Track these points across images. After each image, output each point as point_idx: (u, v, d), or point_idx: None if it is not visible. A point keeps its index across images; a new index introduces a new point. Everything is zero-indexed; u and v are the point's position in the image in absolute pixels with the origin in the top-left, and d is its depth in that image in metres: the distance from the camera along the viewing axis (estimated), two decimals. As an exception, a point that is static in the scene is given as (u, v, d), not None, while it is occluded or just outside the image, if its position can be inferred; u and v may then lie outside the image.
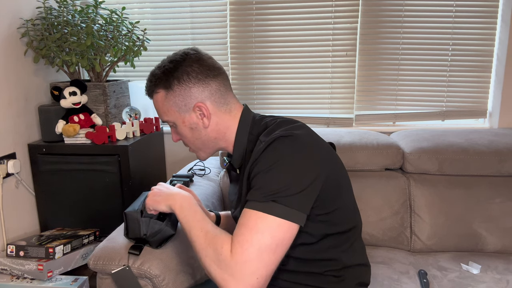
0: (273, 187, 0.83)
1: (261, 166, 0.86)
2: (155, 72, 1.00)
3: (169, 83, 0.97)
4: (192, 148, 1.07)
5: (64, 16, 1.77)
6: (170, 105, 0.98)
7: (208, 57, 1.00)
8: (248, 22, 2.04)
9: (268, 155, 0.87)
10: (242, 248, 0.80)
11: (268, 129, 0.96)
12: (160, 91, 0.99)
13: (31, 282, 1.52)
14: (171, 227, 1.14)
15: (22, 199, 1.83)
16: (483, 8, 1.90)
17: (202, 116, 0.98)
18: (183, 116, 0.99)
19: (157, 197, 1.02)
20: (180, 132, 1.02)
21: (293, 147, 0.87)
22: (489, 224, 1.52)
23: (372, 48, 1.99)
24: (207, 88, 0.97)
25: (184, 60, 0.97)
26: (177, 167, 2.19)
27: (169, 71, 0.97)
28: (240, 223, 0.83)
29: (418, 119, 2.06)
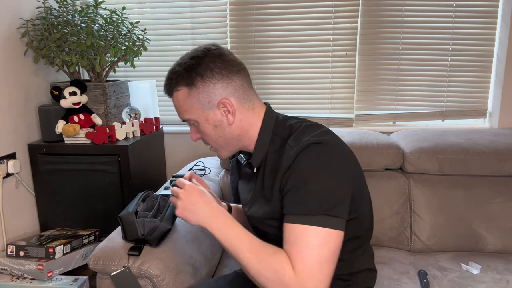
0: (317, 198, 0.84)
1: (298, 176, 0.86)
2: (176, 69, 0.96)
3: (192, 80, 0.93)
4: (214, 147, 1.02)
5: (64, 16, 1.77)
6: (193, 102, 0.94)
7: (229, 52, 0.98)
8: (248, 22, 2.04)
9: (303, 163, 0.86)
10: (305, 265, 0.81)
11: (296, 134, 0.94)
12: (181, 89, 0.95)
13: (31, 282, 1.52)
14: (166, 222, 1.14)
15: (22, 199, 1.83)
16: (483, 8, 1.90)
17: (226, 113, 0.95)
18: (206, 114, 0.95)
19: (188, 213, 0.94)
20: (202, 130, 0.98)
21: (326, 154, 0.88)
22: (489, 224, 1.52)
23: (372, 48, 1.99)
24: (231, 84, 0.94)
25: (206, 55, 0.94)
26: (177, 167, 2.19)
27: (192, 67, 0.93)
28: (293, 240, 0.83)
29: (418, 119, 2.06)
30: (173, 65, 0.98)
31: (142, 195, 1.25)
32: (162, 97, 2.19)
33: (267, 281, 0.83)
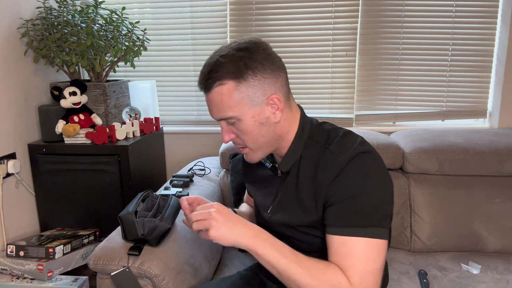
0: (370, 210, 0.84)
1: (349, 187, 0.85)
2: (220, 61, 0.86)
3: (242, 73, 0.85)
4: (250, 147, 0.94)
5: (64, 16, 1.77)
6: (242, 97, 0.86)
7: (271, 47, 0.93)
8: (248, 22, 2.04)
9: (354, 174, 0.85)
10: (362, 278, 0.81)
11: (338, 141, 0.92)
12: (227, 82, 0.85)
13: (31, 282, 1.52)
14: (166, 222, 1.14)
15: (22, 199, 1.83)
16: (483, 8, 1.90)
17: (275, 109, 0.89)
18: (253, 110, 0.87)
19: (224, 232, 0.85)
20: (245, 128, 0.89)
21: (374, 165, 0.88)
22: (489, 224, 1.52)
23: (372, 48, 1.99)
24: (279, 79, 0.89)
25: (256, 48, 0.87)
26: (177, 167, 2.19)
27: (241, 59, 0.85)
28: (347, 252, 0.83)
29: (418, 119, 2.06)
30: (213, 56, 0.88)
31: (142, 195, 1.25)
32: (162, 97, 2.19)
33: None
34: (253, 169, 1.11)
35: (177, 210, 1.25)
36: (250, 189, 1.15)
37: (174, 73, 2.16)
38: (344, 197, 0.85)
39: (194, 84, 2.15)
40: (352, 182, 0.85)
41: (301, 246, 0.98)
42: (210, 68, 0.87)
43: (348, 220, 0.84)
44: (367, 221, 0.83)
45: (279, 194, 1.00)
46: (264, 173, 1.06)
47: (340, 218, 0.85)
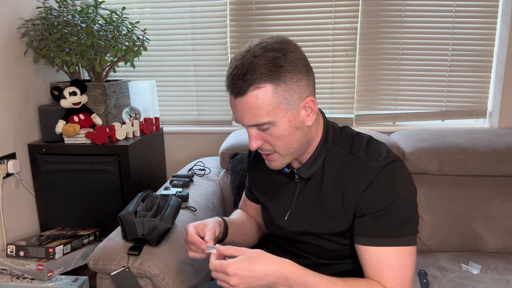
0: (404, 219, 0.85)
1: (384, 198, 0.85)
2: (255, 62, 0.79)
3: (279, 75, 0.79)
4: (281, 153, 0.89)
5: (64, 16, 1.77)
6: (279, 101, 0.81)
7: None
8: (248, 22, 2.04)
9: (387, 184, 0.85)
10: (403, 287, 0.84)
11: (366, 148, 0.91)
12: (265, 86, 0.79)
13: (31, 282, 1.52)
14: (166, 222, 1.14)
15: (22, 199, 1.83)
16: (483, 8, 1.90)
17: (309, 112, 0.86)
18: (290, 114, 0.83)
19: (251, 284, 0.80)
20: (279, 133, 0.84)
21: (405, 173, 0.89)
22: (489, 224, 1.52)
23: (372, 48, 1.99)
24: (311, 81, 0.86)
25: (288, 47, 0.82)
26: (177, 167, 2.19)
27: (278, 60, 0.80)
28: (388, 264, 0.84)
29: (418, 119, 2.06)
30: (244, 56, 0.81)
31: (141, 195, 1.26)
32: (162, 97, 2.19)
33: None
34: (263, 175, 1.07)
35: (177, 210, 1.25)
36: (260, 195, 1.09)
37: (174, 73, 2.16)
38: (379, 207, 0.85)
39: (194, 84, 2.15)
40: (386, 192, 0.85)
41: (326, 254, 0.97)
42: (245, 70, 0.79)
43: (386, 230, 0.84)
44: (403, 231, 0.84)
45: (299, 200, 0.97)
46: (277, 179, 1.03)
47: (377, 229, 0.85)
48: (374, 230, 0.85)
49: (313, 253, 0.99)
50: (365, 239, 0.86)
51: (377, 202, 0.85)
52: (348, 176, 0.89)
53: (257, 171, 1.09)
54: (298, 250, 1.02)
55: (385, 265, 0.84)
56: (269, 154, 0.90)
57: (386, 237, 0.84)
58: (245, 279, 0.78)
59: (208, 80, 2.13)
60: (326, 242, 0.95)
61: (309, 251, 1.00)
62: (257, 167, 1.08)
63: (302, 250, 1.01)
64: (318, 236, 0.95)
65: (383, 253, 0.84)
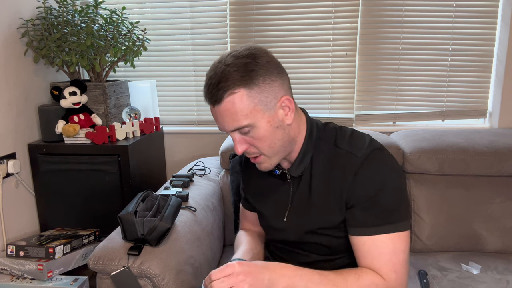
0: (394, 206, 0.87)
1: (371, 187, 0.87)
2: (227, 70, 0.84)
3: (252, 79, 0.83)
4: (267, 154, 0.91)
5: (64, 16, 1.77)
6: (255, 104, 0.84)
7: None
8: (248, 22, 2.04)
9: (372, 172, 0.88)
10: (396, 272, 0.86)
11: (349, 138, 0.94)
12: (239, 90, 0.83)
13: (31, 282, 1.52)
14: (166, 222, 1.14)
15: (22, 199, 1.83)
16: (483, 8, 1.90)
17: (287, 111, 0.89)
18: (268, 115, 0.86)
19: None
20: (261, 135, 0.87)
21: (390, 160, 0.91)
22: (489, 224, 1.52)
23: (372, 48, 1.99)
24: (285, 81, 0.90)
25: (259, 53, 0.87)
26: (177, 167, 2.19)
27: (247, 65, 0.84)
28: (380, 251, 0.86)
29: (418, 119, 2.06)
30: (217, 66, 0.86)
31: (141, 195, 1.26)
32: (162, 97, 2.19)
33: None
34: (255, 181, 1.09)
35: (177, 210, 1.25)
36: (256, 202, 1.10)
37: (174, 73, 2.16)
38: (367, 197, 0.87)
39: (194, 84, 2.15)
40: (373, 180, 0.87)
41: (326, 250, 0.99)
42: (218, 79, 0.84)
43: (376, 219, 0.86)
44: (393, 217, 0.86)
45: (294, 200, 0.99)
46: (270, 182, 1.04)
47: (367, 218, 0.87)
48: (364, 220, 0.87)
49: (313, 251, 1.01)
50: (357, 229, 0.89)
51: (365, 192, 0.87)
52: (336, 169, 0.91)
53: (249, 178, 1.11)
54: (298, 249, 1.03)
55: (377, 253, 0.86)
56: (256, 157, 0.93)
57: (377, 225, 0.86)
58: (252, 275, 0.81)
59: (208, 80, 2.13)
60: (325, 237, 0.96)
61: (309, 249, 1.01)
62: (249, 174, 1.11)
63: (303, 249, 1.02)
64: (315, 233, 0.97)
65: (374, 241, 0.86)
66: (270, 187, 1.05)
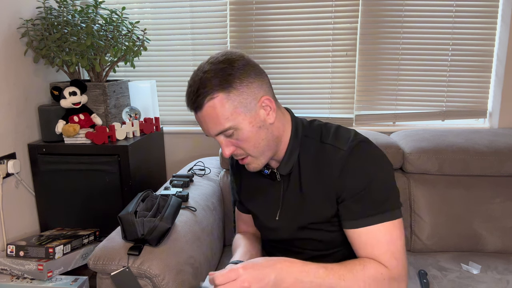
0: (385, 195, 0.89)
1: (361, 178, 0.89)
2: (204, 77, 0.86)
3: (229, 83, 0.86)
4: (252, 155, 0.93)
5: (64, 16, 1.77)
6: (235, 106, 0.86)
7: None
8: (248, 22, 2.04)
9: (361, 164, 0.90)
10: (397, 260, 0.87)
11: (334, 133, 0.95)
12: (218, 95, 0.85)
13: (31, 282, 1.52)
14: (166, 222, 1.14)
15: (22, 199, 1.83)
16: (483, 8, 1.90)
17: (268, 110, 0.91)
18: (249, 116, 0.88)
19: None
20: (244, 136, 0.89)
21: (375, 150, 0.93)
22: (489, 224, 1.52)
23: (372, 48, 1.99)
24: (263, 82, 0.92)
25: (234, 57, 0.89)
26: (177, 167, 2.19)
27: (225, 70, 0.87)
28: (377, 241, 0.88)
29: (418, 119, 2.06)
30: (196, 74, 0.88)
31: (141, 195, 1.25)
32: (162, 97, 2.19)
33: None
34: (246, 182, 1.11)
35: (177, 210, 1.25)
36: (248, 203, 1.12)
37: (174, 73, 2.16)
38: (358, 189, 0.89)
39: (194, 84, 2.15)
40: (361, 172, 0.89)
41: (320, 246, 1.00)
42: (197, 86, 0.87)
43: (369, 210, 0.88)
44: (386, 206, 0.88)
45: (285, 198, 1.00)
46: (260, 183, 1.06)
47: (360, 210, 0.89)
48: (357, 212, 0.89)
49: (307, 247, 1.01)
50: (351, 222, 0.90)
51: (355, 184, 0.89)
52: (323, 164, 0.93)
53: (241, 179, 1.13)
54: (293, 247, 1.04)
55: (375, 242, 0.88)
56: (243, 158, 0.95)
57: (370, 216, 0.88)
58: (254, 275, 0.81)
59: (208, 80, 2.13)
60: (317, 232, 0.98)
61: (303, 246, 1.02)
62: (241, 176, 1.13)
63: (298, 247, 1.03)
64: (308, 228, 0.98)
65: (370, 231, 0.88)
66: (261, 188, 1.06)
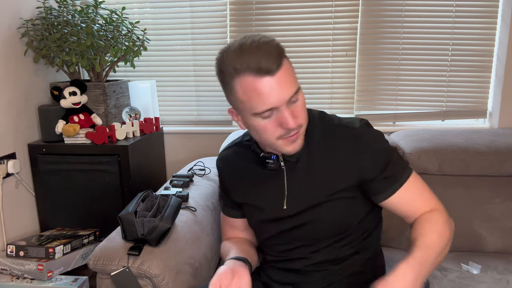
0: (398, 157, 1.01)
1: (381, 153, 0.98)
2: (274, 42, 0.86)
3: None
4: (304, 125, 0.94)
5: (64, 16, 1.77)
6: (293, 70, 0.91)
7: None
8: (248, 22, 2.04)
9: (372, 139, 0.98)
10: (436, 201, 1.02)
11: (336, 118, 1.03)
12: (286, 58, 0.89)
13: (31, 282, 1.52)
14: (166, 222, 1.14)
15: (22, 199, 1.83)
16: (483, 8, 1.90)
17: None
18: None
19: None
20: (302, 101, 0.91)
21: (372, 126, 1.02)
22: (489, 224, 1.52)
23: (372, 48, 1.99)
24: None
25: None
26: (177, 167, 2.19)
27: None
28: (419, 196, 1.00)
29: (418, 119, 2.06)
30: (260, 38, 0.86)
31: (141, 195, 1.26)
32: (162, 97, 2.19)
33: (449, 240, 0.95)
34: (244, 181, 1.08)
35: (177, 210, 1.25)
36: (249, 200, 1.09)
37: (174, 73, 2.16)
38: (382, 166, 0.97)
39: (194, 84, 2.15)
40: (381, 148, 0.98)
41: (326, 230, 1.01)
42: (274, 47, 0.85)
43: (395, 178, 0.98)
44: (403, 167, 1.00)
45: (290, 184, 1.01)
46: (259, 177, 1.05)
47: (389, 182, 0.98)
48: (388, 184, 0.98)
49: (314, 235, 1.01)
50: (388, 192, 0.98)
51: (378, 163, 0.97)
52: (334, 143, 0.98)
53: (236, 180, 1.10)
54: (297, 241, 1.03)
55: (415, 196, 0.99)
56: (296, 133, 0.92)
57: (399, 180, 0.98)
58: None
59: (208, 80, 2.13)
60: (328, 207, 0.99)
61: (310, 234, 1.01)
62: (233, 176, 1.11)
63: (302, 238, 1.02)
64: (320, 205, 0.99)
65: (405, 191, 0.98)
66: (261, 182, 1.05)
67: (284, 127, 0.88)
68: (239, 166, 1.09)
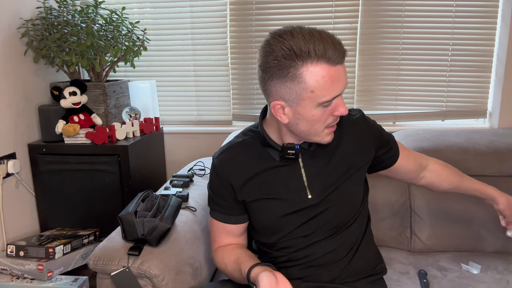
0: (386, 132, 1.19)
1: (378, 130, 1.15)
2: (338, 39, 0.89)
3: None
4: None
5: (64, 16, 1.77)
6: None
7: None
8: (248, 22, 2.04)
9: (371, 121, 1.14)
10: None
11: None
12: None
13: (31, 282, 1.52)
14: (166, 222, 1.14)
15: (22, 199, 1.83)
16: (483, 8, 1.90)
17: None
18: None
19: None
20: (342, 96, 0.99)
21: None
22: (489, 224, 1.52)
23: (372, 48, 1.99)
24: None
25: None
26: (177, 167, 2.19)
27: None
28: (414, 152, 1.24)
29: (418, 119, 2.06)
30: (324, 30, 0.87)
31: (141, 195, 1.26)
32: (162, 97, 2.19)
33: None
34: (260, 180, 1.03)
35: (177, 210, 1.25)
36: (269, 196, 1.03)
37: (174, 73, 2.16)
38: (388, 138, 1.16)
39: (194, 84, 2.15)
40: (375, 126, 1.14)
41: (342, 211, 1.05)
42: (337, 39, 0.88)
43: (391, 140, 1.18)
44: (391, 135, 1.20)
45: (308, 172, 1.03)
46: (271, 167, 1.02)
47: (393, 148, 1.18)
48: (392, 150, 1.17)
49: (331, 219, 1.04)
50: (396, 155, 1.17)
51: (380, 135, 1.14)
52: (341, 128, 1.06)
53: (243, 179, 1.03)
54: (316, 228, 1.04)
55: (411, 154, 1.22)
56: (335, 125, 0.98)
57: (395, 143, 1.19)
58: None
59: (208, 80, 2.13)
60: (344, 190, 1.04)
61: (328, 219, 1.04)
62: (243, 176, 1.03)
63: (320, 225, 1.04)
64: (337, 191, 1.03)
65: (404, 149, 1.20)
66: (279, 174, 1.02)
67: (336, 114, 0.93)
68: (247, 164, 1.02)
